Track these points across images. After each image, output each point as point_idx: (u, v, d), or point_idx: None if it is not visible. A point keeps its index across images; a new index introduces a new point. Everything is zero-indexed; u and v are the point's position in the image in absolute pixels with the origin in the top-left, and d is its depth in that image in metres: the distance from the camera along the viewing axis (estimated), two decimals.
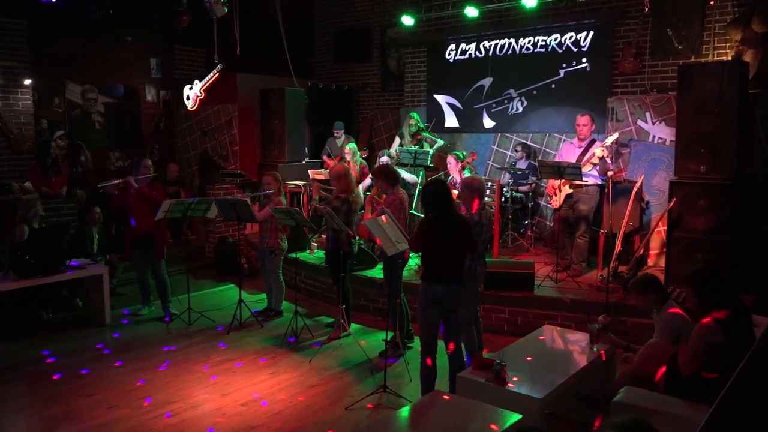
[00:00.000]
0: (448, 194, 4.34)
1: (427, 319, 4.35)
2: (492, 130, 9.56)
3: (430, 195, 4.32)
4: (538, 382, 3.63)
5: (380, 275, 7.03)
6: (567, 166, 6.35)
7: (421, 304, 4.35)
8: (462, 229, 4.33)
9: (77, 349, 5.95)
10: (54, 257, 6.20)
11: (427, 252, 4.31)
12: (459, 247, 4.33)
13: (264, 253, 6.73)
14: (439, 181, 4.42)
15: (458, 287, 4.34)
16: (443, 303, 4.30)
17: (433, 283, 4.30)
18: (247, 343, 6.09)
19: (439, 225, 4.25)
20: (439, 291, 4.28)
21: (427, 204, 4.33)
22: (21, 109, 8.54)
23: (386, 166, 5.70)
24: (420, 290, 4.38)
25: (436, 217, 4.26)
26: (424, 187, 4.41)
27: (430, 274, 4.32)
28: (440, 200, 4.28)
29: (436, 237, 4.25)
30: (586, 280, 6.70)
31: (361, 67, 12.01)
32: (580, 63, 8.63)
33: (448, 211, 4.31)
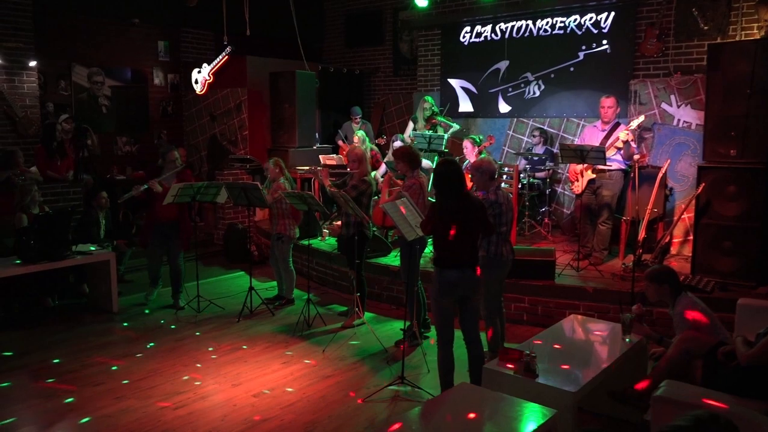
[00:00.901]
0: (460, 174, 4.10)
1: (442, 308, 4.12)
2: (508, 115, 9.28)
3: (441, 176, 4.08)
4: (569, 375, 3.41)
5: (395, 262, 6.84)
6: (590, 149, 6.10)
7: (435, 291, 4.13)
8: (475, 210, 4.10)
9: (83, 336, 5.78)
10: (59, 243, 6.02)
11: (439, 236, 4.09)
12: (473, 229, 4.10)
13: (273, 239, 6.53)
14: (451, 162, 4.17)
15: (473, 272, 4.11)
16: (458, 290, 4.08)
17: (447, 268, 4.07)
18: (258, 332, 5.90)
19: (451, 207, 4.02)
20: (453, 277, 4.05)
21: (439, 185, 4.09)
22: (26, 91, 8.36)
23: (409, 148, 5.47)
24: (433, 277, 4.15)
25: (447, 199, 4.03)
26: (435, 168, 4.17)
27: (443, 259, 4.09)
28: (452, 181, 4.05)
29: (448, 219, 4.02)
30: (608, 269, 6.47)
31: (373, 51, 11.76)
32: (601, 45, 8.32)
33: (460, 191, 4.08)
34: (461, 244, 4.06)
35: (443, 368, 4.18)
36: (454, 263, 4.06)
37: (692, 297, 4.05)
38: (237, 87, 10.00)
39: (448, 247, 4.06)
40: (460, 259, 4.07)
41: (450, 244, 4.05)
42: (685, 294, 4.04)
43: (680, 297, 4.01)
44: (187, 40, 10.69)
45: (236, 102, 10.07)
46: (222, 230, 9.24)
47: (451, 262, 4.06)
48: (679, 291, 4.05)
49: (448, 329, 4.15)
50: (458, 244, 4.05)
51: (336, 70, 11.00)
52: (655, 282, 4.07)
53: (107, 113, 9.82)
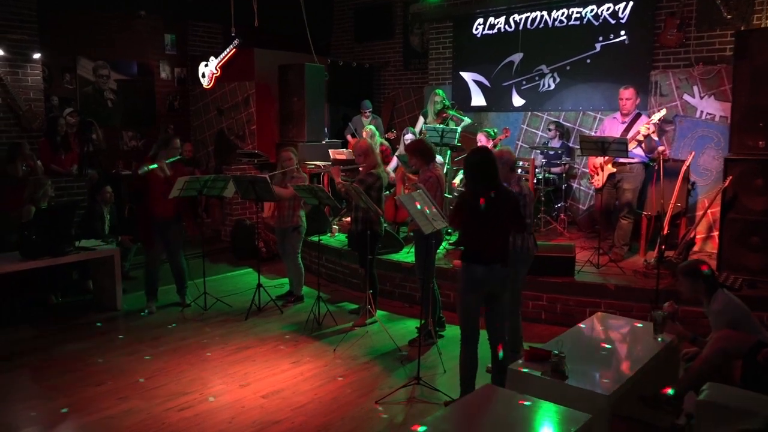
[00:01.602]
0: (494, 164, 3.88)
1: (468, 305, 3.90)
2: (521, 109, 9.06)
3: (473, 165, 3.86)
4: (602, 377, 3.18)
5: (407, 259, 6.63)
6: (612, 141, 5.86)
7: (462, 288, 3.91)
8: (509, 202, 3.88)
9: (87, 334, 5.59)
10: (61, 238, 5.83)
11: (469, 229, 3.86)
12: (506, 223, 3.89)
13: (286, 232, 6.31)
14: (483, 149, 3.96)
15: (503, 269, 3.89)
16: (486, 287, 3.86)
17: (475, 264, 3.85)
18: (267, 330, 5.70)
19: (482, 197, 3.80)
20: (481, 273, 3.83)
21: (471, 175, 3.87)
22: (30, 84, 8.19)
23: (421, 141, 5.25)
24: (460, 273, 3.94)
25: (479, 190, 3.81)
26: (466, 157, 3.96)
27: (472, 254, 3.87)
28: (485, 170, 3.83)
29: (480, 212, 3.80)
30: (629, 266, 6.23)
31: (383, 45, 11.54)
32: (618, 36, 8.08)
33: (494, 182, 3.86)
34: (493, 239, 3.85)
35: (466, 369, 3.96)
36: (484, 258, 3.84)
37: (729, 294, 3.82)
38: (245, 80, 9.81)
39: (478, 242, 3.84)
40: (491, 254, 3.85)
41: (481, 238, 3.83)
42: (721, 290, 3.81)
43: (716, 293, 3.78)
44: (194, 33, 10.51)
45: (244, 96, 9.88)
46: (229, 227, 9.05)
47: (481, 257, 3.84)
48: (715, 287, 3.82)
49: (473, 328, 3.93)
50: (490, 238, 3.84)
51: (345, 63, 10.79)
52: (689, 277, 3.84)
53: (113, 107, 9.64)
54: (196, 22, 10.43)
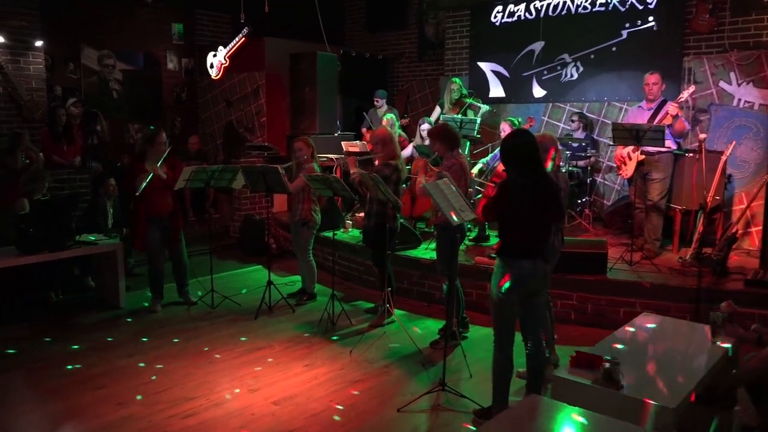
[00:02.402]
0: (535, 147, 3.51)
1: (509, 305, 3.53)
2: (542, 100, 8.69)
3: (513, 149, 3.48)
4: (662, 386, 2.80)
5: (425, 255, 6.27)
6: (648, 129, 5.46)
7: (499, 285, 3.54)
8: (553, 191, 3.51)
9: (87, 334, 5.26)
10: (61, 231, 5.51)
11: (511, 221, 3.49)
12: (548, 214, 3.51)
13: (296, 227, 5.95)
14: (524, 132, 3.57)
15: (544, 264, 3.52)
16: (527, 284, 3.49)
17: (515, 258, 3.48)
18: (278, 331, 5.35)
19: (526, 187, 3.43)
20: (524, 269, 3.46)
21: (511, 160, 3.49)
22: (32, 73, 7.89)
23: (446, 126, 4.87)
24: (497, 269, 3.56)
25: (522, 177, 3.44)
26: (504, 140, 3.58)
27: (515, 248, 3.50)
28: (528, 155, 3.46)
29: (521, 202, 3.43)
30: (663, 263, 5.83)
31: (397, 36, 11.16)
32: (646, 22, 7.68)
33: (537, 169, 3.49)
34: (535, 231, 3.48)
35: (500, 376, 3.58)
36: (526, 253, 3.47)
37: None
38: (254, 71, 9.48)
39: (522, 234, 3.47)
40: (533, 248, 3.48)
41: (525, 231, 3.46)
42: None
43: None
44: (202, 22, 10.19)
45: (253, 86, 9.55)
46: (238, 222, 8.71)
47: (523, 251, 3.47)
48: None
49: (509, 330, 3.55)
50: (532, 230, 3.47)
51: (358, 54, 10.42)
52: None
53: (118, 98, 9.34)
54: (204, 10, 10.12)
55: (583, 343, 4.97)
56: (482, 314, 5.57)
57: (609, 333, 5.19)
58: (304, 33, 9.74)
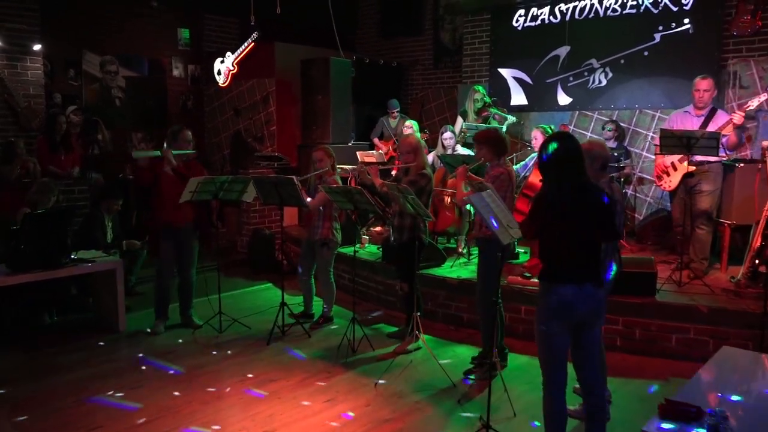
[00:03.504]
0: (580, 154, 3.02)
1: (551, 337, 3.03)
2: (568, 108, 8.23)
3: (554, 157, 3.00)
4: None
5: (451, 273, 5.78)
6: (701, 136, 4.96)
7: (543, 314, 3.04)
8: (600, 205, 3.01)
9: (82, 361, 4.76)
10: (55, 248, 5.03)
11: (551, 239, 3.00)
12: (596, 231, 3.02)
13: (315, 246, 5.46)
14: (566, 137, 3.08)
15: (596, 289, 3.02)
16: (575, 313, 2.99)
17: (560, 284, 2.99)
18: (293, 358, 4.84)
19: (568, 200, 2.94)
20: (568, 295, 2.97)
21: (550, 169, 3.01)
22: (30, 79, 7.46)
23: (494, 131, 4.39)
24: (540, 295, 3.07)
25: (562, 189, 2.95)
26: (544, 145, 3.09)
27: (557, 270, 3.01)
28: (569, 164, 2.98)
29: (563, 217, 2.94)
30: (713, 283, 5.32)
31: (411, 42, 10.73)
32: (681, 24, 7.22)
33: (581, 178, 3.00)
34: (580, 251, 2.99)
35: (553, 421, 3.06)
36: (571, 277, 2.97)
37: None
38: (264, 77, 9.03)
39: (565, 254, 2.98)
40: (579, 271, 2.99)
41: (568, 250, 2.97)
42: None
43: None
44: (209, 27, 9.77)
45: (263, 94, 9.10)
46: (246, 236, 8.22)
47: (567, 275, 2.98)
48: None
49: (559, 367, 3.04)
50: (576, 251, 2.98)
51: (371, 61, 9.97)
52: None
53: (121, 106, 8.89)
54: (211, 15, 9.70)
55: (636, 375, 4.47)
56: (517, 340, 5.09)
57: (661, 362, 4.75)
58: (315, 38, 9.35)
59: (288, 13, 7.62)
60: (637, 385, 4.29)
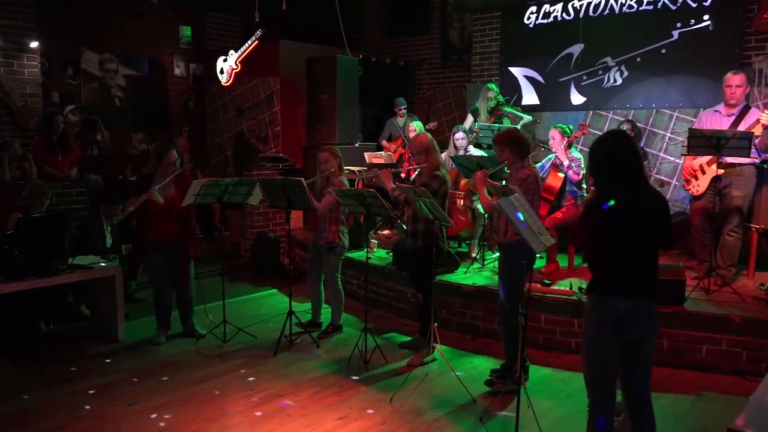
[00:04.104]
0: (638, 154, 2.77)
1: (601, 354, 2.77)
2: (581, 108, 7.97)
3: (607, 156, 2.75)
4: None
5: (466, 280, 5.54)
6: (732, 136, 4.70)
7: (592, 330, 2.79)
8: (659, 211, 2.76)
9: (78, 374, 4.51)
10: (52, 253, 4.77)
11: (603, 248, 2.74)
12: (654, 239, 2.76)
13: (320, 250, 5.21)
14: (620, 135, 2.83)
15: (650, 304, 2.77)
16: (622, 330, 2.74)
17: (612, 296, 2.73)
18: (302, 371, 4.58)
19: (624, 205, 2.69)
20: (623, 310, 2.72)
21: (603, 170, 2.76)
22: (27, 77, 7.21)
23: (516, 132, 4.13)
24: (588, 309, 2.82)
25: (618, 192, 2.70)
26: (594, 145, 2.84)
27: (610, 283, 2.75)
28: (624, 164, 2.72)
29: (617, 224, 2.69)
30: (741, 290, 5.05)
31: (418, 41, 10.49)
32: (701, 21, 6.97)
33: (638, 181, 2.75)
34: (638, 261, 2.73)
35: None
36: (626, 290, 2.72)
37: None
38: (268, 76, 8.79)
39: (616, 266, 2.72)
40: (635, 283, 2.74)
41: (623, 260, 2.71)
42: None
43: None
44: (211, 25, 9.57)
45: (267, 93, 8.86)
46: (250, 240, 7.96)
47: (622, 288, 2.73)
48: None
49: (608, 387, 2.78)
50: (632, 261, 2.72)
51: (378, 60, 9.73)
52: None
53: (121, 106, 8.70)
54: (213, 12, 9.49)
55: (665, 389, 4.19)
56: (537, 350, 4.84)
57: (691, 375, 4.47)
58: (320, 36, 9.12)
59: (293, 10, 7.39)
60: (668, 401, 4.03)
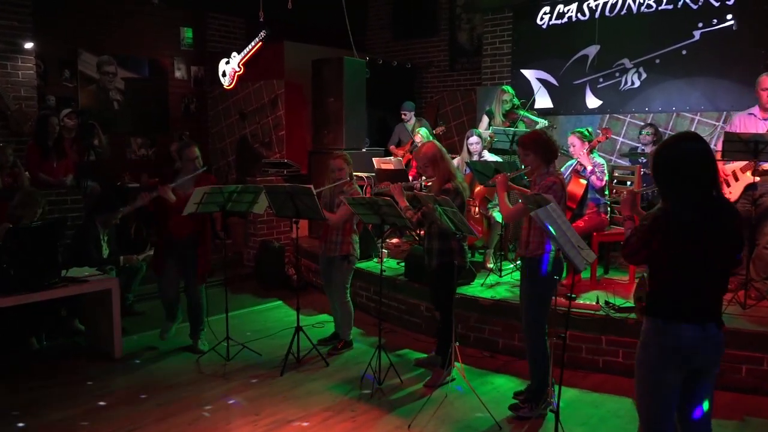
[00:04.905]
0: (710, 160, 2.45)
1: (662, 386, 2.47)
2: (597, 111, 7.73)
3: (675, 162, 2.44)
4: None
5: (484, 293, 5.24)
6: None
7: (652, 359, 2.46)
8: (732, 224, 2.45)
9: (69, 395, 4.19)
10: (44, 266, 4.47)
11: (666, 267, 2.43)
12: (726, 256, 2.45)
13: (333, 262, 4.89)
14: (694, 137, 2.49)
15: (719, 331, 2.46)
16: (688, 359, 2.43)
17: (674, 321, 2.42)
18: (311, 392, 4.26)
19: (694, 218, 2.38)
20: (689, 338, 2.41)
21: (669, 180, 2.44)
22: (21, 80, 6.95)
23: (542, 133, 3.81)
24: (647, 335, 2.50)
25: (687, 203, 2.39)
26: (659, 150, 2.52)
27: (672, 307, 2.44)
28: (701, 172, 2.41)
29: (689, 240, 2.38)
30: None
31: (425, 44, 10.21)
32: (724, 21, 6.70)
33: (710, 190, 2.44)
34: (708, 283, 2.42)
35: None
36: (693, 315, 2.41)
37: None
38: (272, 79, 8.53)
39: (682, 288, 2.41)
40: (704, 307, 2.43)
41: (687, 284, 2.40)
42: None
43: None
44: (213, 26, 9.34)
45: (271, 96, 8.59)
46: (253, 249, 7.65)
47: (689, 312, 2.41)
48: None
49: (665, 422, 2.48)
50: (704, 281, 2.42)
51: (385, 62, 9.44)
52: None
53: (120, 110, 8.46)
54: (216, 13, 9.24)
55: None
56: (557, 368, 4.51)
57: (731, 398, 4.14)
58: (325, 38, 8.87)
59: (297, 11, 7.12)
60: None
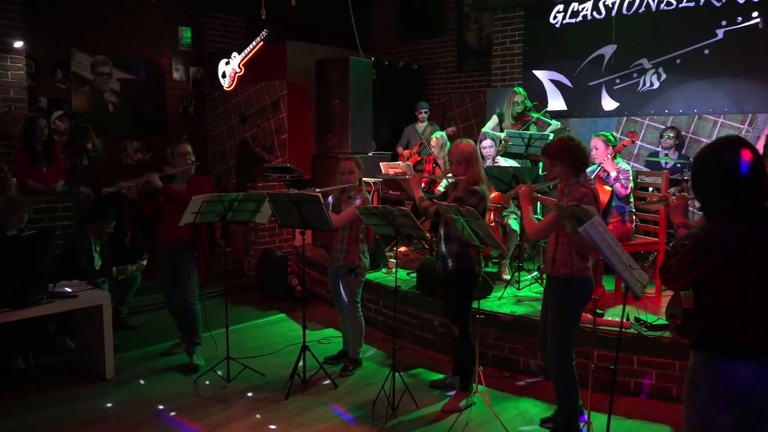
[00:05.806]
0: (760, 170, 2.12)
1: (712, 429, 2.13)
2: (614, 113, 7.45)
3: (718, 173, 2.11)
4: None
5: (503, 308, 4.90)
6: None
7: (703, 400, 2.14)
8: None
9: (58, 421, 3.85)
10: (29, 281, 4.12)
11: (714, 294, 2.10)
12: None
13: (340, 274, 4.56)
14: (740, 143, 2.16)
15: None
16: (751, 401, 2.09)
17: (725, 357, 2.09)
18: (320, 419, 3.91)
19: (745, 238, 2.06)
20: (744, 377, 2.07)
21: (712, 193, 2.13)
22: (11, 80, 6.66)
23: (569, 142, 3.46)
24: (695, 371, 2.17)
25: (735, 221, 2.07)
26: (698, 159, 2.21)
27: (722, 340, 2.11)
28: (743, 184, 2.08)
29: (736, 264, 2.05)
30: None
31: (432, 44, 9.92)
32: (749, 19, 6.42)
33: (761, 203, 2.11)
34: (763, 311, 2.09)
35: None
36: (749, 350, 2.08)
37: None
38: (274, 80, 8.24)
39: (734, 319, 2.08)
40: (761, 342, 2.09)
41: (740, 314, 2.07)
42: None
43: None
44: (213, 26, 9.07)
45: (273, 98, 8.29)
46: (255, 258, 7.30)
47: (743, 347, 2.08)
48: None
49: None
50: (757, 311, 2.08)
51: (390, 63, 9.12)
52: None
53: (115, 112, 8.17)
54: (215, 12, 8.98)
55: None
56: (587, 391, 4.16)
57: None
58: (329, 38, 8.59)
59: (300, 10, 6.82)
60: None
